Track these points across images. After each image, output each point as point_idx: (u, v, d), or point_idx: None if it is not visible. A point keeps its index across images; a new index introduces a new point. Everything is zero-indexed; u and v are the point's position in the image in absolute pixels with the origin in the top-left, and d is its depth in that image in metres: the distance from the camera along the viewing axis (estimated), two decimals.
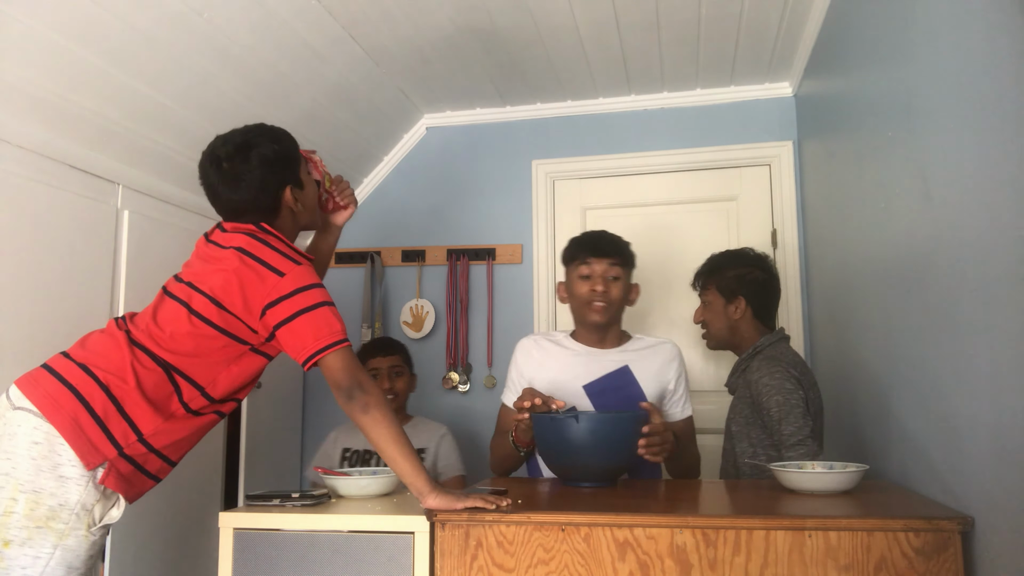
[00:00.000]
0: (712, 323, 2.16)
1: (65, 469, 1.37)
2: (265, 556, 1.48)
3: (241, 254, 1.52)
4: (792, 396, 1.87)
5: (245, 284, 1.49)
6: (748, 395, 1.99)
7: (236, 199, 1.60)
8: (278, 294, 1.49)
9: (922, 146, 1.53)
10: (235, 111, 2.45)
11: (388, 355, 2.60)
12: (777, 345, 2.05)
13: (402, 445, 1.48)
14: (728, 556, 1.32)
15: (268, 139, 1.64)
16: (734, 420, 2.05)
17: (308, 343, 1.48)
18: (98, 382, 1.43)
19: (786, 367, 1.93)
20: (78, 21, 1.85)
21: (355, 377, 1.49)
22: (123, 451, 1.42)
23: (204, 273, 1.54)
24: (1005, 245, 1.17)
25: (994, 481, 1.23)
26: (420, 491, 1.45)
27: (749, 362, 2.06)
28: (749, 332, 2.11)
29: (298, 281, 1.50)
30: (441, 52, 2.68)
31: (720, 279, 2.14)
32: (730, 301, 2.11)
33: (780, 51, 2.72)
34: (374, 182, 3.34)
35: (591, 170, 3.15)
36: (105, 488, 1.41)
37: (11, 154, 1.91)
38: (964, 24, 1.31)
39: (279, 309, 1.49)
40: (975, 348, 1.29)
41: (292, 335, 1.49)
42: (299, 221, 1.70)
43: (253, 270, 1.50)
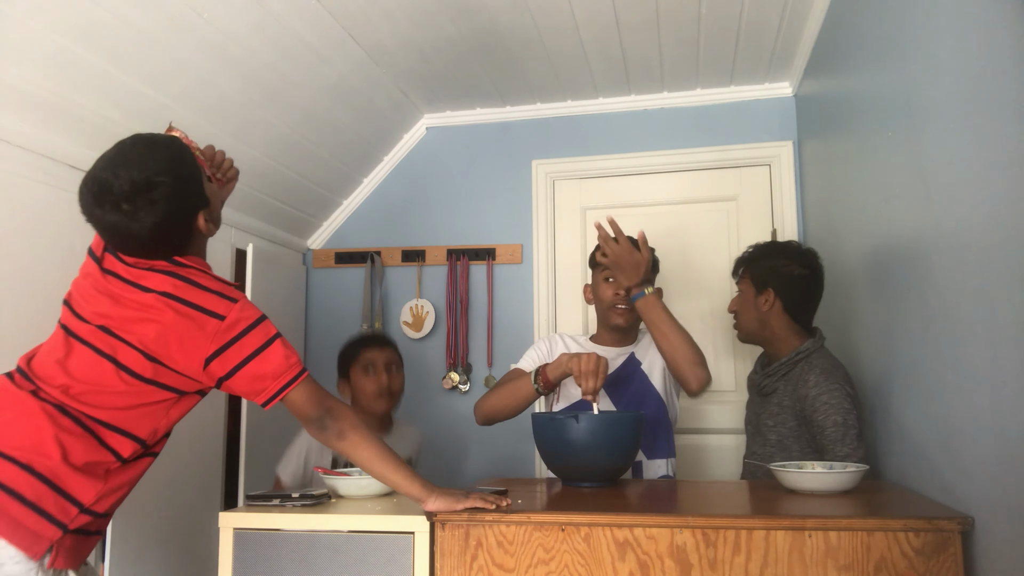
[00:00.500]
0: (742, 314, 2.09)
1: (8, 568, 1.22)
2: (265, 556, 1.48)
3: (171, 300, 1.35)
4: (850, 417, 1.80)
5: (183, 336, 1.34)
6: (796, 406, 1.90)
7: (142, 240, 1.37)
8: (221, 341, 1.35)
9: (922, 146, 1.53)
10: (235, 111, 2.45)
11: (384, 347, 2.43)
12: (823, 353, 1.96)
13: (387, 460, 1.45)
14: (728, 556, 1.32)
15: (167, 166, 1.37)
16: (773, 429, 1.96)
17: (268, 384, 1.38)
18: (17, 464, 1.25)
19: (843, 384, 1.85)
20: (78, 21, 1.85)
21: (323, 405, 1.43)
22: (68, 528, 1.27)
23: (124, 319, 1.35)
24: (1005, 245, 1.17)
25: (994, 481, 1.23)
26: (419, 497, 1.44)
27: (792, 368, 1.96)
28: (781, 330, 2.02)
29: (241, 321, 1.37)
30: (441, 52, 2.68)
31: (754, 269, 2.07)
32: (760, 292, 2.04)
33: (780, 51, 2.72)
34: (374, 182, 3.34)
35: (591, 170, 3.15)
36: (55, 570, 1.27)
37: (11, 154, 1.91)
38: (964, 24, 1.31)
39: (225, 357, 1.36)
40: (975, 348, 1.29)
41: (247, 379, 1.38)
42: (209, 236, 1.51)
43: (189, 318, 1.34)
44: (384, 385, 2.35)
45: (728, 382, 2.94)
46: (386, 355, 2.41)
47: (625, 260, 1.95)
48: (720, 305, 2.95)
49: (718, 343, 2.97)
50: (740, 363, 2.93)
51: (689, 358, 1.93)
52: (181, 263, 1.41)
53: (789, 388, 1.94)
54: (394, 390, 2.39)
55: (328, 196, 3.22)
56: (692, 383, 1.93)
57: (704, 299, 3.00)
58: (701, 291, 3.00)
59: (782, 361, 1.99)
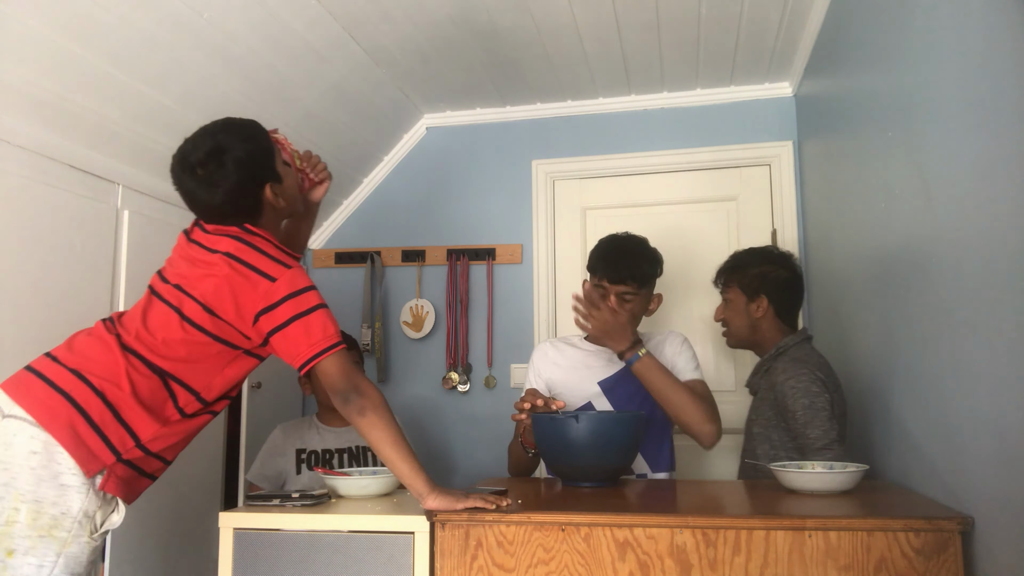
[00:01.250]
0: (733, 321, 2.13)
1: (66, 477, 1.36)
2: (265, 556, 1.48)
3: (231, 260, 1.50)
4: (818, 399, 1.83)
5: (237, 291, 1.47)
6: (772, 397, 1.96)
7: (216, 204, 1.56)
8: (271, 300, 1.47)
9: (922, 146, 1.53)
10: (235, 111, 2.44)
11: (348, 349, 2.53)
12: (801, 346, 2.01)
13: (399, 447, 1.48)
14: (728, 556, 1.32)
15: (239, 139, 1.58)
16: (756, 422, 2.02)
17: (303, 349, 1.47)
18: (93, 388, 1.41)
19: (812, 369, 1.89)
20: (78, 21, 1.85)
21: (351, 380, 1.49)
22: (121, 457, 1.41)
23: (193, 277, 1.52)
24: (1005, 245, 1.17)
25: (994, 481, 1.23)
26: (419, 492, 1.45)
27: (772, 363, 2.02)
28: (771, 332, 2.08)
29: (291, 286, 1.48)
30: (441, 52, 2.68)
31: (742, 277, 2.10)
32: (752, 299, 2.08)
33: (780, 51, 2.72)
34: (374, 182, 3.34)
35: (591, 170, 3.15)
36: (105, 493, 1.40)
37: (11, 154, 1.91)
38: (964, 24, 1.31)
39: (272, 315, 1.47)
40: (975, 348, 1.29)
41: (286, 341, 1.48)
42: (282, 214, 1.68)
43: (244, 276, 1.48)
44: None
45: (728, 382, 2.94)
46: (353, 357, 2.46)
47: (608, 327, 1.92)
48: None
49: (718, 343, 2.96)
50: (740, 364, 2.93)
51: (697, 418, 1.88)
52: (250, 231, 1.55)
53: (767, 381, 2.01)
54: None
55: (328, 196, 3.20)
56: (705, 441, 1.90)
57: (704, 299, 2.99)
58: (701, 291, 3.00)
59: (763, 359, 2.06)
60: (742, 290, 2.10)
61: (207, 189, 1.54)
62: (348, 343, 2.44)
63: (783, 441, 1.93)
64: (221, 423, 2.70)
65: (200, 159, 1.54)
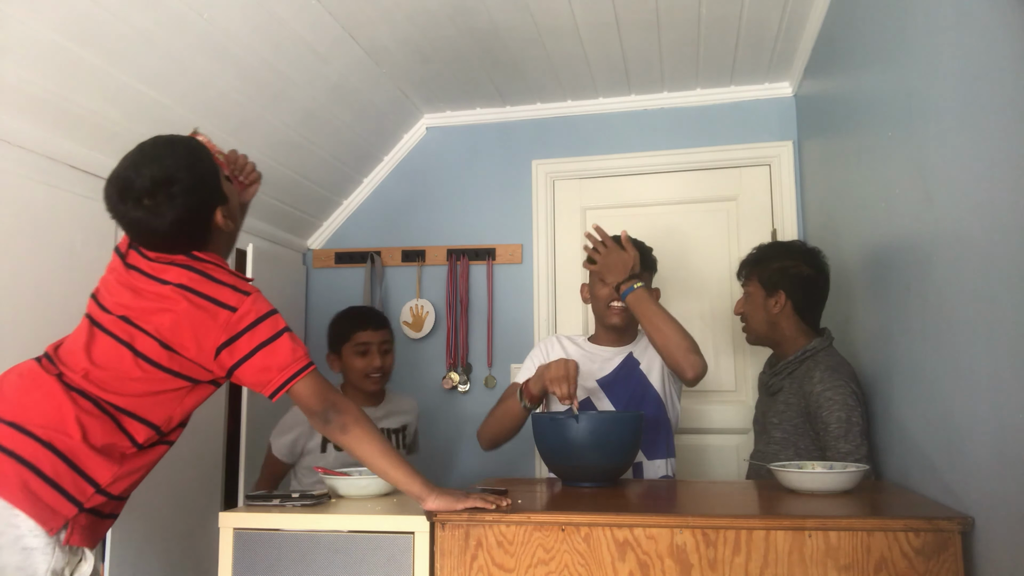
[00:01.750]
0: (752, 316, 2.07)
1: (27, 540, 1.27)
2: (265, 556, 1.48)
3: (186, 292, 1.41)
4: (854, 414, 1.80)
5: (196, 326, 1.40)
6: (802, 404, 1.90)
7: (164, 234, 1.44)
8: (232, 332, 1.40)
9: (922, 146, 1.53)
10: (235, 111, 2.45)
11: (379, 329, 2.45)
12: (831, 352, 1.97)
13: (389, 456, 1.47)
14: (728, 556, 1.32)
15: (186, 163, 1.45)
16: (778, 426, 1.95)
17: (273, 375, 1.42)
18: (39, 440, 1.31)
19: (848, 381, 1.85)
20: (78, 21, 1.85)
21: (327, 399, 1.46)
22: (84, 507, 1.33)
23: (143, 310, 1.42)
24: (1005, 245, 1.17)
25: (994, 481, 1.23)
26: (419, 495, 1.44)
27: (799, 367, 1.96)
28: (791, 330, 2.02)
29: (252, 314, 1.42)
30: (441, 52, 2.68)
31: (763, 271, 2.05)
32: (771, 294, 2.03)
33: (780, 51, 2.72)
34: (374, 182, 3.34)
35: (591, 170, 3.15)
36: (71, 546, 1.33)
37: (11, 154, 1.91)
38: (964, 24, 1.31)
39: (236, 347, 1.41)
40: (975, 348, 1.29)
41: (254, 370, 1.42)
42: (231, 235, 1.62)
43: (203, 309, 1.40)
44: (376, 367, 2.39)
45: (728, 382, 2.94)
46: (380, 336, 2.43)
47: (612, 260, 2.01)
48: (720, 305, 2.96)
49: (718, 343, 2.97)
50: (740, 363, 2.93)
51: (682, 346, 1.93)
52: (199, 258, 1.47)
53: (795, 386, 1.94)
54: (386, 370, 2.44)
55: (328, 196, 3.22)
56: (688, 371, 1.93)
57: (704, 299, 3.00)
58: (701, 291, 3.00)
59: (789, 359, 1.99)
60: (761, 284, 2.04)
61: (154, 219, 1.41)
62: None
63: (809, 450, 1.88)
64: (221, 423, 2.70)
65: (146, 188, 1.40)
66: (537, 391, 1.91)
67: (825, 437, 1.82)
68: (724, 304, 2.93)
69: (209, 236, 1.51)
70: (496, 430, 2.05)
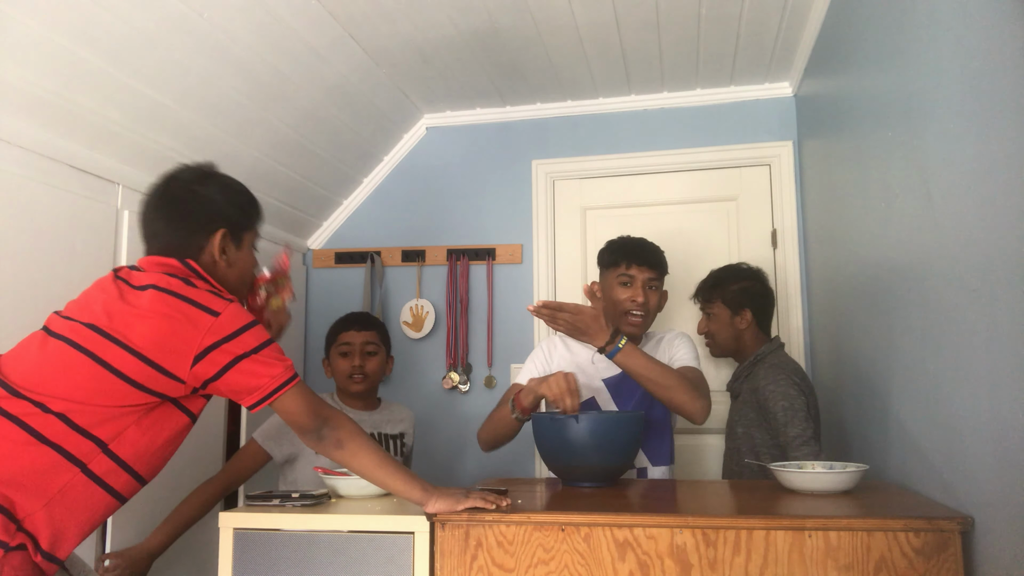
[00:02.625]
0: (719, 333, 2.33)
1: None
2: (265, 556, 1.48)
3: (164, 294, 1.34)
4: (796, 401, 2.00)
5: (175, 331, 1.31)
6: (754, 400, 2.13)
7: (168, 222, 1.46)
8: (214, 338, 1.33)
9: (922, 146, 1.53)
10: (235, 111, 2.45)
11: (362, 330, 2.42)
12: (778, 353, 2.22)
13: (387, 466, 1.46)
14: (728, 556, 1.32)
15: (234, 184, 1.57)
16: (739, 423, 2.18)
17: (263, 381, 1.36)
18: None
19: (789, 374, 2.07)
20: (78, 21, 1.85)
21: (319, 415, 1.42)
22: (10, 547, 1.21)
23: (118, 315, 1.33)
24: (1005, 245, 1.17)
25: (994, 481, 1.23)
26: (420, 500, 1.44)
27: (752, 369, 2.21)
28: (751, 340, 2.29)
29: (237, 320, 1.36)
30: (441, 52, 2.68)
31: (724, 293, 2.31)
32: (736, 313, 2.29)
33: (780, 51, 2.72)
34: (374, 182, 3.34)
35: (591, 170, 3.15)
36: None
37: (11, 154, 1.91)
38: (964, 24, 1.31)
39: (218, 354, 1.33)
40: (975, 348, 1.29)
41: (236, 378, 1.35)
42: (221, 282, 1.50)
43: (182, 314, 1.32)
44: (356, 366, 2.36)
45: (724, 383, 2.94)
46: (363, 337, 2.41)
47: (582, 322, 1.84)
48: None
49: None
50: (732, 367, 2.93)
51: (685, 396, 1.85)
52: (192, 266, 1.44)
53: (748, 387, 2.18)
54: (367, 372, 2.38)
55: (328, 196, 3.22)
56: (697, 417, 1.88)
57: None
58: None
59: (743, 365, 2.26)
60: (726, 304, 2.30)
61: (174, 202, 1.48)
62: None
63: (764, 440, 2.09)
64: (221, 424, 2.70)
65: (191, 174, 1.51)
66: (529, 404, 1.86)
67: (775, 425, 2.02)
68: None
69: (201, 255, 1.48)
70: (492, 437, 2.05)
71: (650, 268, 2.09)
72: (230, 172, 2.41)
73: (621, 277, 2.08)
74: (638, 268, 2.07)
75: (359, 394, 2.40)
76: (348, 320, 2.47)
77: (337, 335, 2.43)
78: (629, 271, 2.07)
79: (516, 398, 1.91)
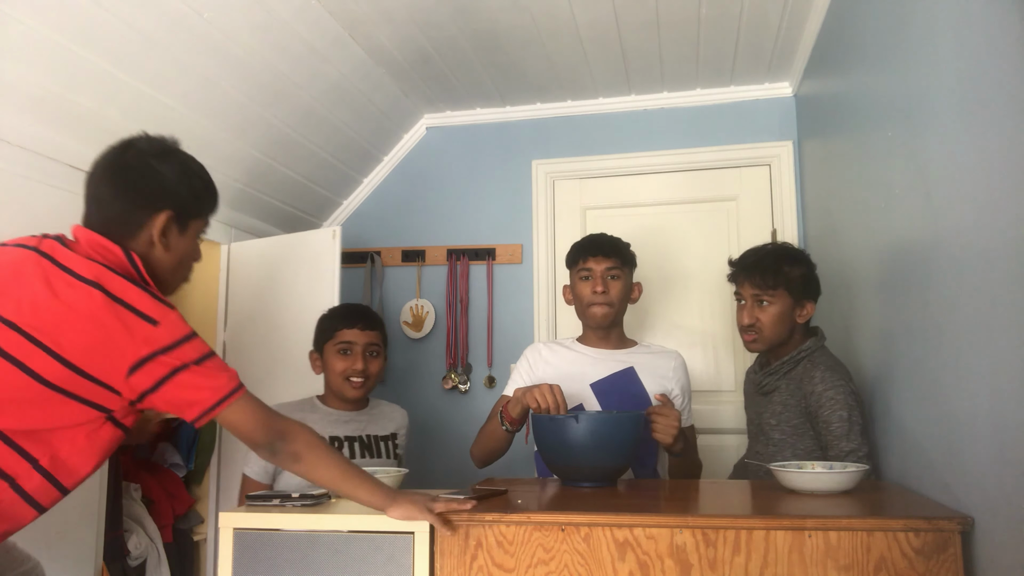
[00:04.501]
0: (773, 326, 1.96)
1: None
2: (265, 556, 1.48)
3: (108, 300, 1.24)
4: (855, 413, 1.80)
5: (110, 338, 1.22)
6: (801, 404, 1.89)
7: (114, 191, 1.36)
8: (150, 348, 1.24)
9: (922, 146, 1.53)
10: (235, 111, 2.45)
11: (367, 329, 2.17)
12: (825, 351, 1.96)
13: (349, 476, 1.41)
14: (728, 556, 1.32)
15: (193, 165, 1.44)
16: (776, 427, 1.94)
17: (205, 394, 1.29)
18: None
19: (847, 381, 1.85)
20: (78, 21, 1.85)
21: (271, 428, 1.35)
22: None
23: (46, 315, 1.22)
24: (1005, 245, 1.17)
25: (994, 481, 1.23)
26: (381, 507, 1.40)
27: (795, 366, 1.94)
28: (798, 333, 1.98)
29: (176, 331, 1.27)
30: (441, 52, 2.68)
31: (789, 280, 1.95)
32: (799, 303, 1.96)
33: (780, 51, 2.72)
34: (374, 182, 3.34)
35: (591, 170, 3.15)
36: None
37: (11, 154, 1.91)
38: (964, 24, 1.31)
39: (154, 366, 1.24)
40: (975, 348, 1.29)
41: (177, 389, 1.27)
42: (154, 266, 1.40)
43: (120, 319, 1.23)
44: (358, 369, 2.14)
45: (728, 382, 2.94)
46: (367, 338, 2.17)
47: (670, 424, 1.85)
48: (720, 305, 2.95)
49: (718, 342, 2.97)
50: (740, 363, 2.93)
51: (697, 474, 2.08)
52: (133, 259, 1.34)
53: (792, 386, 1.93)
54: (370, 376, 2.18)
55: (328, 196, 3.22)
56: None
57: (704, 299, 3.00)
58: (700, 291, 3.00)
59: (784, 360, 1.97)
60: (790, 293, 1.94)
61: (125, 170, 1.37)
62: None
63: (809, 449, 1.88)
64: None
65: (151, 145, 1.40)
66: (517, 415, 1.90)
67: (827, 436, 1.82)
68: (724, 304, 2.93)
69: (137, 236, 1.37)
70: (485, 452, 2.07)
71: (606, 257, 2.06)
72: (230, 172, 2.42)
73: (581, 272, 2.09)
74: (594, 260, 2.07)
75: (355, 398, 2.20)
76: (350, 315, 2.20)
77: (336, 331, 2.16)
78: (587, 265, 2.08)
79: (504, 410, 1.94)
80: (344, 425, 2.19)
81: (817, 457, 1.85)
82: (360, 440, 2.19)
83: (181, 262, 1.46)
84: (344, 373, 2.14)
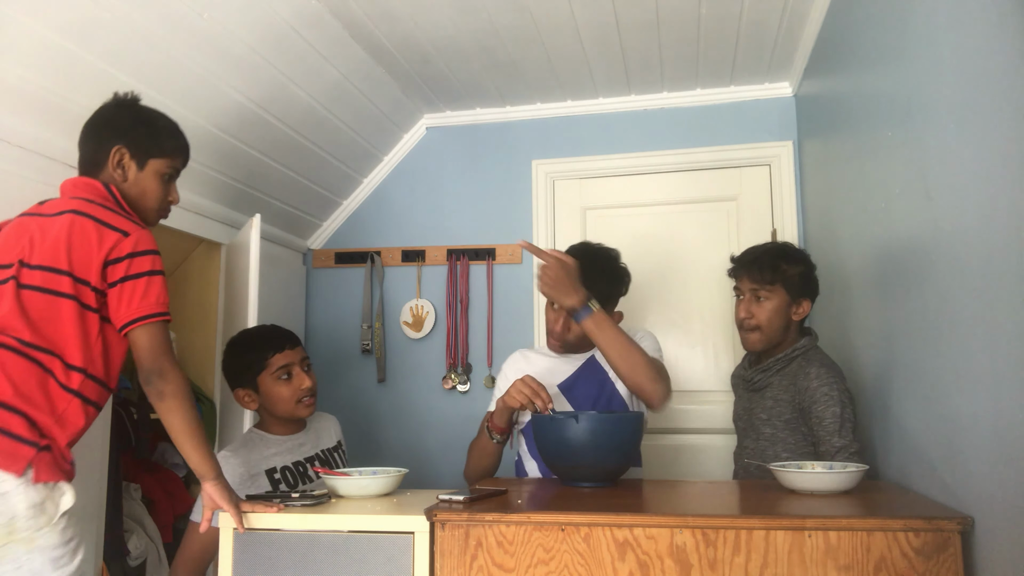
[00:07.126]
0: (771, 322, 1.99)
1: (3, 486, 1.34)
2: (265, 556, 1.48)
3: (78, 216, 1.49)
4: (847, 409, 1.83)
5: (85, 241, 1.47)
6: (794, 399, 1.92)
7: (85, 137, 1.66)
8: (118, 253, 1.47)
9: (922, 146, 1.53)
10: (235, 111, 2.45)
11: (295, 346, 2.08)
12: (819, 350, 1.98)
13: (195, 436, 1.50)
14: (728, 556, 1.32)
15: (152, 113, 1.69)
16: (767, 423, 1.97)
17: (135, 305, 1.47)
18: None
19: (840, 378, 1.88)
20: (78, 21, 1.85)
21: (159, 361, 1.48)
22: (39, 446, 1.38)
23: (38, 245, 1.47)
24: (1005, 245, 1.17)
25: (994, 481, 1.23)
26: (203, 475, 1.50)
27: (788, 364, 1.97)
28: (794, 332, 2.02)
29: (142, 243, 1.50)
30: (441, 52, 2.68)
31: (786, 277, 1.99)
32: (795, 301, 1.99)
33: (780, 51, 2.72)
34: (374, 182, 3.34)
35: (591, 170, 3.15)
36: (44, 483, 1.38)
37: (11, 154, 1.91)
38: (964, 24, 1.31)
39: (116, 268, 1.47)
40: (975, 348, 1.29)
41: (123, 294, 1.48)
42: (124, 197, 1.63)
43: (94, 230, 1.48)
44: (308, 387, 2.04)
45: (726, 382, 2.93)
46: (300, 354, 2.09)
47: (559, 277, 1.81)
48: (719, 305, 2.95)
49: (717, 342, 2.97)
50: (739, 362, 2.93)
51: (647, 374, 1.81)
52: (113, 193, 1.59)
53: (786, 382, 1.95)
54: (315, 390, 2.09)
55: (328, 196, 3.22)
56: (655, 400, 1.85)
57: (703, 299, 3.00)
58: (700, 291, 3.00)
59: (778, 357, 1.99)
60: (787, 290, 1.98)
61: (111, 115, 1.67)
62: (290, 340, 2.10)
63: (800, 445, 1.90)
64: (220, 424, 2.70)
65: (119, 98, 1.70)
66: (503, 423, 1.92)
67: (819, 431, 1.85)
68: (723, 304, 2.93)
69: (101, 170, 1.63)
70: (478, 465, 2.06)
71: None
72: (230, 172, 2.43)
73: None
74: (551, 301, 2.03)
75: (310, 415, 2.10)
76: (274, 339, 2.07)
77: (266, 359, 2.02)
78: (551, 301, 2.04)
79: (491, 423, 1.96)
80: (300, 448, 2.10)
81: (807, 452, 1.88)
82: (319, 457, 2.12)
83: (143, 196, 1.66)
84: (295, 396, 2.04)
